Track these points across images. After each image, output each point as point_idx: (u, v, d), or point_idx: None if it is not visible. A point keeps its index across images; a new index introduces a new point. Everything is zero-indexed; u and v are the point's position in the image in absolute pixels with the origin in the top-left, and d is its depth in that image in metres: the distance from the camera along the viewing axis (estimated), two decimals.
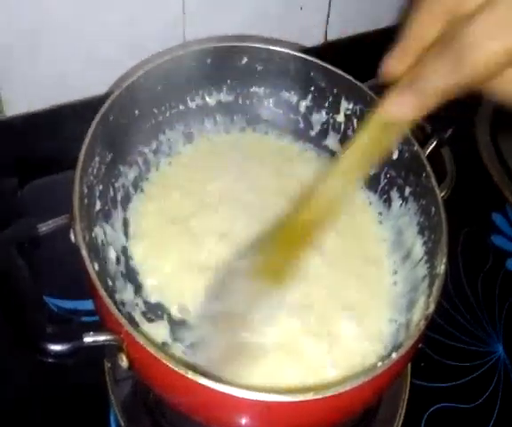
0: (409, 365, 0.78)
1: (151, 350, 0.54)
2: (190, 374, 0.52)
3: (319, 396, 0.52)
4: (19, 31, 0.84)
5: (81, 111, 0.95)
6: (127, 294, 0.71)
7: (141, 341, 0.54)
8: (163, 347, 0.65)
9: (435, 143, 0.78)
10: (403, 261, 0.76)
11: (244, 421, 0.56)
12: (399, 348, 0.58)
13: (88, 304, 0.75)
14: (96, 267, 0.64)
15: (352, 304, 0.71)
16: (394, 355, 0.56)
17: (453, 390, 0.78)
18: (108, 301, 0.57)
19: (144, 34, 0.94)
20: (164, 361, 0.53)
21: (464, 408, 0.76)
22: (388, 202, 0.82)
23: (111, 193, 0.76)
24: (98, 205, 0.72)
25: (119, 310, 0.57)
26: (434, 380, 0.79)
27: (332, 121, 0.87)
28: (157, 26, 0.95)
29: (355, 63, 0.86)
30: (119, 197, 0.77)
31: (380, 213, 0.82)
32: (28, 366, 0.70)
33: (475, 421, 0.74)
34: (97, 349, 0.57)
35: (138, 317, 0.69)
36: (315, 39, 1.11)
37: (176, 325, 0.68)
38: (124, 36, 0.93)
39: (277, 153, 0.88)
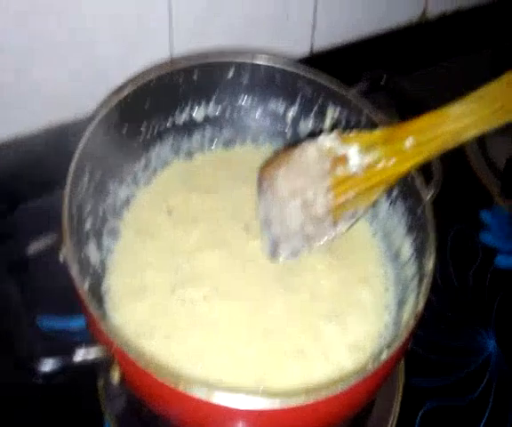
0: (402, 363, 0.77)
1: (142, 364, 0.53)
2: (182, 387, 0.52)
3: (310, 400, 0.51)
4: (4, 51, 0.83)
5: (70, 131, 0.94)
6: None
7: (132, 355, 0.54)
8: (153, 360, 0.64)
9: None
10: (392, 261, 0.76)
11: None
12: (390, 346, 0.57)
13: (79, 321, 0.74)
14: (86, 285, 0.63)
15: (339, 309, 0.71)
16: (384, 354, 0.56)
17: (447, 388, 0.77)
18: (98, 317, 0.56)
19: (131, 48, 0.93)
20: (155, 375, 0.53)
21: (458, 405, 0.75)
22: (376, 204, 0.81)
23: (100, 212, 0.75)
24: (88, 224, 0.72)
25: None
26: (427, 377, 0.78)
27: (318, 129, 0.86)
28: (145, 39, 0.94)
29: (341, 71, 0.86)
30: (109, 215, 0.77)
31: (369, 216, 0.81)
32: (22, 385, 0.69)
33: (469, 417, 0.74)
34: (90, 366, 0.56)
35: None
36: (301, 49, 1.11)
37: None
38: (112, 50, 0.91)
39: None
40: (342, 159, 0.64)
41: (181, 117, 0.86)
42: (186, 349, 0.66)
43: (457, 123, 0.57)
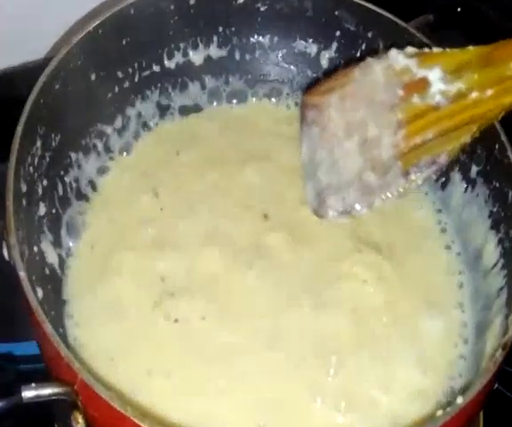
0: (481, 413, 0.77)
1: (117, 404, 0.53)
2: None
3: None
4: None
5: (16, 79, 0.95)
6: None
7: (104, 393, 0.54)
8: (132, 402, 0.65)
9: None
10: (470, 268, 0.77)
11: None
12: (467, 389, 0.58)
13: (28, 347, 0.75)
14: (40, 294, 0.63)
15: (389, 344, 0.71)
16: (459, 399, 0.56)
17: None
18: (56, 339, 0.56)
19: None
20: (137, 420, 0.52)
21: None
22: (447, 187, 0.82)
23: (60, 191, 0.76)
24: (42, 209, 0.72)
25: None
26: None
27: None
28: None
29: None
30: (71, 196, 0.78)
31: (437, 204, 0.82)
32: None
33: None
34: (43, 407, 0.58)
35: None
36: None
37: None
38: None
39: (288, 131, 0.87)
40: (420, 84, 0.62)
41: (173, 60, 0.86)
42: (175, 387, 0.67)
43: None
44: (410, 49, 0.65)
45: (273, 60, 0.90)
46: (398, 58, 0.64)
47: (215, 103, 0.90)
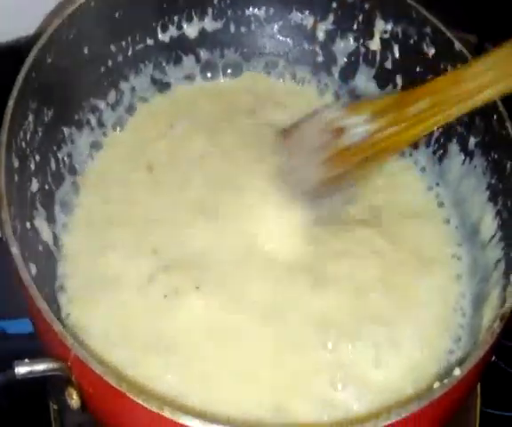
0: (478, 386, 0.77)
1: (112, 380, 0.53)
2: (168, 412, 0.51)
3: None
4: None
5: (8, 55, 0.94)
6: None
7: (98, 368, 0.53)
8: (128, 378, 0.64)
9: None
10: (467, 240, 0.77)
11: None
12: (464, 361, 0.57)
13: (22, 325, 0.74)
14: (33, 270, 0.63)
15: (390, 312, 0.72)
16: (457, 371, 0.56)
17: None
18: (49, 315, 0.56)
19: None
20: (132, 396, 0.52)
21: None
22: (444, 160, 0.82)
23: (53, 167, 0.75)
24: (34, 185, 0.72)
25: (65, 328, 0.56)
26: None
27: (363, 50, 0.86)
28: None
29: None
30: (65, 172, 0.77)
31: (434, 177, 0.83)
32: None
33: None
34: (38, 384, 0.57)
35: None
36: None
37: None
38: None
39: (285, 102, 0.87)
40: (343, 129, 0.73)
41: (167, 34, 0.86)
42: (171, 363, 0.67)
43: (474, 82, 0.67)
44: (336, 106, 0.83)
45: (269, 33, 0.89)
46: (329, 112, 0.77)
47: (210, 76, 0.89)
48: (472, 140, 0.78)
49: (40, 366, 0.56)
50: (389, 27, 0.83)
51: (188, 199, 0.77)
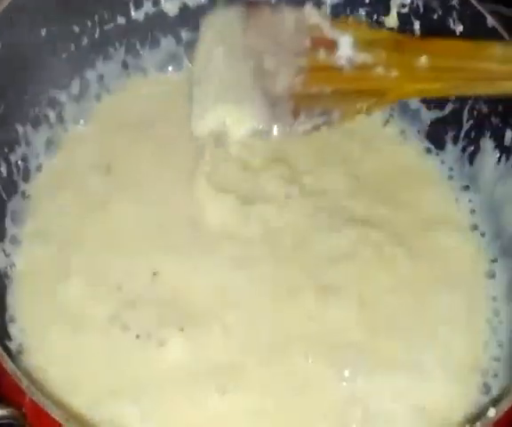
0: None
1: None
2: None
3: None
4: None
5: None
6: None
7: (57, 415, 0.53)
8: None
9: None
10: (503, 255, 0.77)
11: None
12: (499, 401, 0.58)
13: None
14: None
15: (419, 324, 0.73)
16: (491, 412, 0.57)
17: None
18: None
19: None
20: None
21: None
22: (475, 158, 0.82)
23: (3, 173, 0.75)
24: None
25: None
26: None
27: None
28: None
29: None
30: (17, 178, 0.78)
31: (463, 180, 0.83)
32: None
33: None
34: None
35: None
36: None
37: None
38: None
39: None
40: (329, 43, 0.73)
41: (141, 11, 0.86)
42: (144, 415, 0.66)
43: (495, 64, 0.67)
44: (324, 12, 0.80)
45: None
46: (312, 14, 0.75)
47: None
48: (509, 134, 0.78)
49: None
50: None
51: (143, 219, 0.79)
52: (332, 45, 0.73)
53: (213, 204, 0.78)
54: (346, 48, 0.72)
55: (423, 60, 0.69)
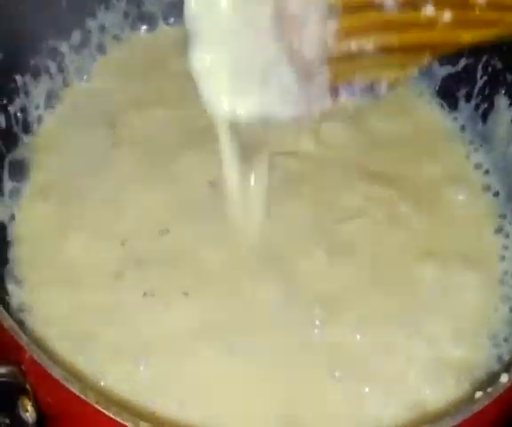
0: None
1: (76, 388, 0.52)
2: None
3: None
4: None
5: None
6: None
7: (58, 373, 0.53)
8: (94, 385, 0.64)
9: None
10: None
11: None
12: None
13: None
14: None
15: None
16: (504, 378, 0.56)
17: None
18: None
19: None
20: (101, 407, 0.51)
21: None
22: (489, 116, 0.81)
23: (2, 124, 0.75)
24: None
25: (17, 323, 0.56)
26: None
27: None
28: None
29: None
30: (17, 130, 0.77)
31: (473, 141, 0.83)
32: None
33: None
34: None
35: None
36: None
37: None
38: None
39: None
40: None
41: None
42: (148, 374, 0.66)
43: None
44: None
45: None
46: None
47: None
48: None
49: None
50: None
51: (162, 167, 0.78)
52: None
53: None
54: None
55: None
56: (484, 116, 0.82)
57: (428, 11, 0.56)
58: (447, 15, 0.56)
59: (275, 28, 0.59)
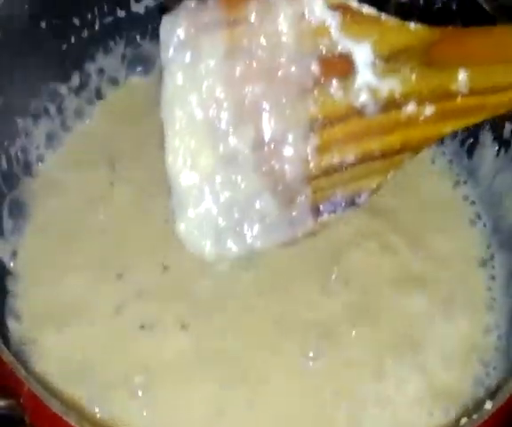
0: None
1: (73, 420, 0.53)
2: None
3: None
4: None
5: None
6: None
7: (56, 406, 0.53)
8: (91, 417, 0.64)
9: None
10: (502, 247, 0.77)
11: None
12: (496, 393, 0.57)
13: None
14: None
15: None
16: (488, 404, 0.56)
17: None
18: None
19: None
20: None
21: None
22: (475, 152, 0.82)
23: (3, 165, 0.75)
24: None
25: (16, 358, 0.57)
26: None
27: None
28: None
29: None
30: (18, 172, 0.78)
31: (460, 175, 0.83)
32: None
33: None
34: None
35: None
36: None
37: None
38: None
39: None
40: (343, 65, 0.55)
41: (141, 3, 0.86)
42: (145, 406, 0.67)
43: None
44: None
45: None
46: (315, 6, 0.54)
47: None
48: (508, 128, 0.77)
49: None
50: None
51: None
52: (347, 68, 0.55)
53: None
54: (365, 71, 0.55)
55: (461, 77, 0.54)
56: (470, 152, 0.82)
57: (410, 108, 0.55)
58: (429, 109, 0.55)
59: (255, 159, 0.58)
